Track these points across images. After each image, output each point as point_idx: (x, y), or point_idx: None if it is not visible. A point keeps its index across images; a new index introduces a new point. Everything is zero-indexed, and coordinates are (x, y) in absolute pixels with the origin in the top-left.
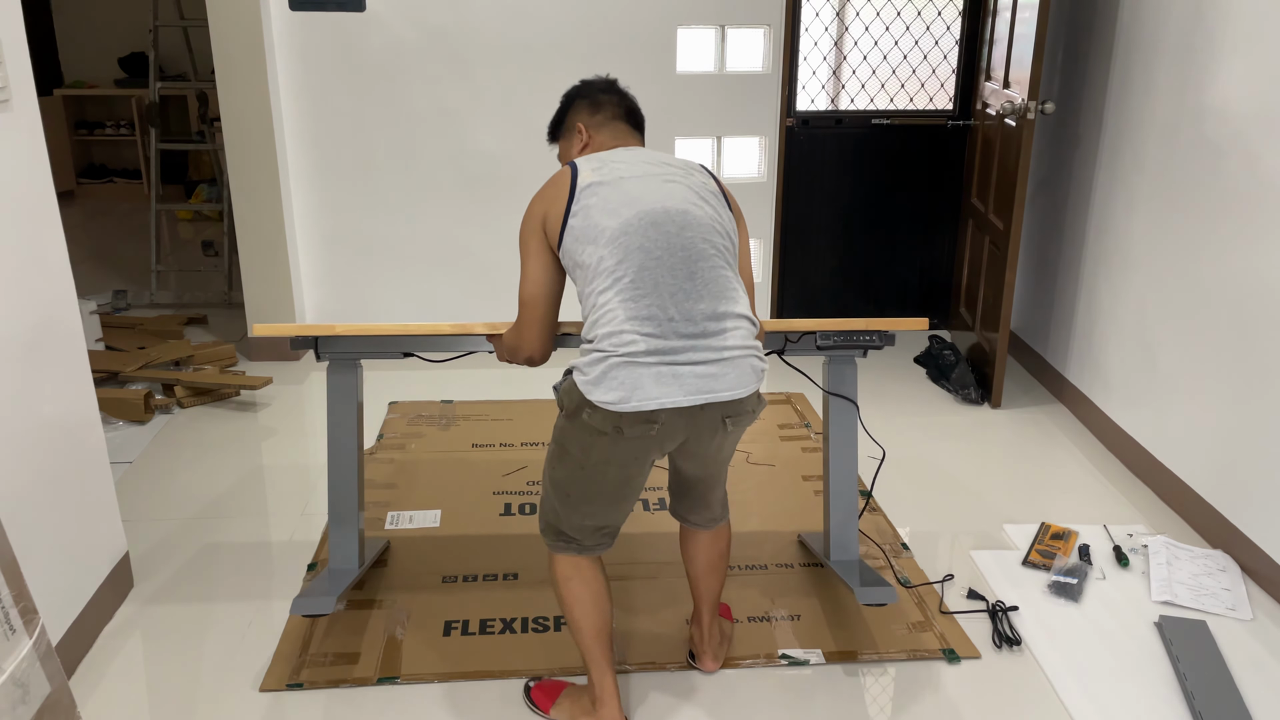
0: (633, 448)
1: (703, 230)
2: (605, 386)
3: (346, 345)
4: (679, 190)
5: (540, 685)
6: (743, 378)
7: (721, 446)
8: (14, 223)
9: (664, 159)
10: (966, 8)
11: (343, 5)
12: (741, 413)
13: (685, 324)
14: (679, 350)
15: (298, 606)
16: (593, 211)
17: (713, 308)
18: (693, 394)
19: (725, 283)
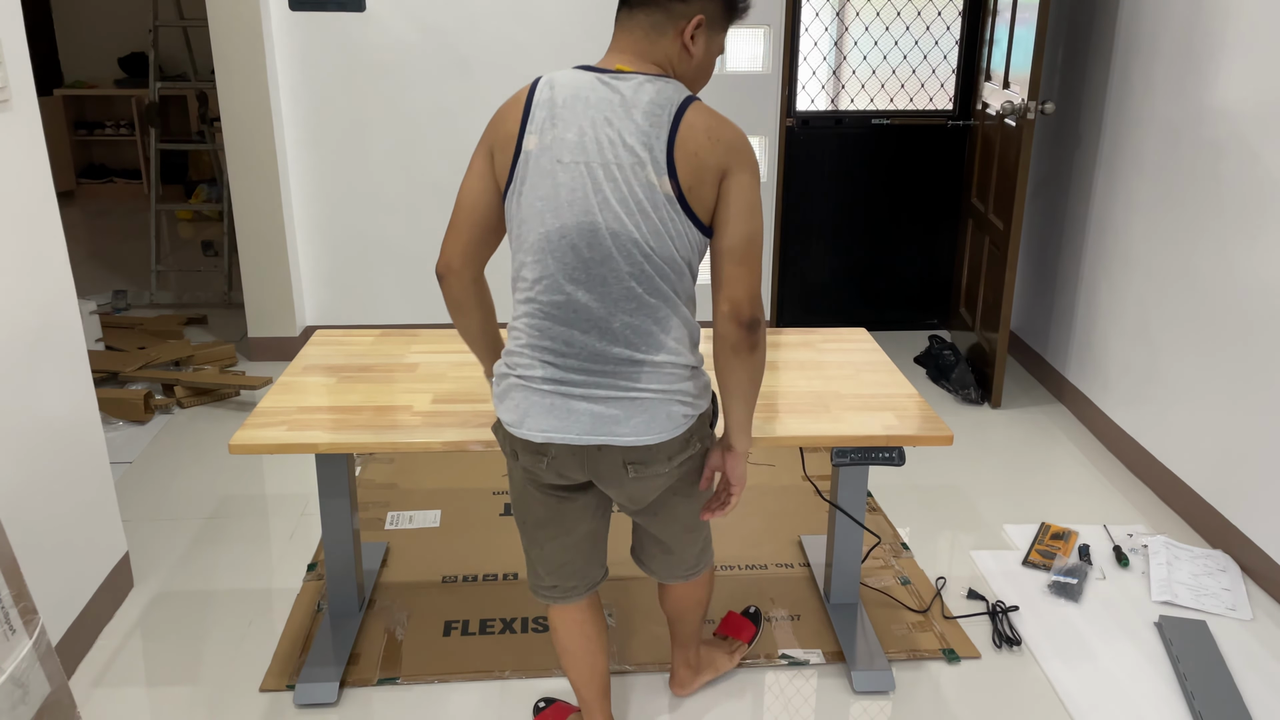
0: (536, 476)
1: (631, 260)
2: (505, 405)
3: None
4: (613, 196)
5: (549, 710)
6: (652, 422)
7: (638, 497)
8: (14, 223)
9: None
10: (966, 8)
11: (343, 5)
12: (649, 461)
13: (591, 361)
14: (577, 384)
15: (301, 695)
16: (524, 201)
17: (629, 355)
18: (585, 433)
19: (646, 330)
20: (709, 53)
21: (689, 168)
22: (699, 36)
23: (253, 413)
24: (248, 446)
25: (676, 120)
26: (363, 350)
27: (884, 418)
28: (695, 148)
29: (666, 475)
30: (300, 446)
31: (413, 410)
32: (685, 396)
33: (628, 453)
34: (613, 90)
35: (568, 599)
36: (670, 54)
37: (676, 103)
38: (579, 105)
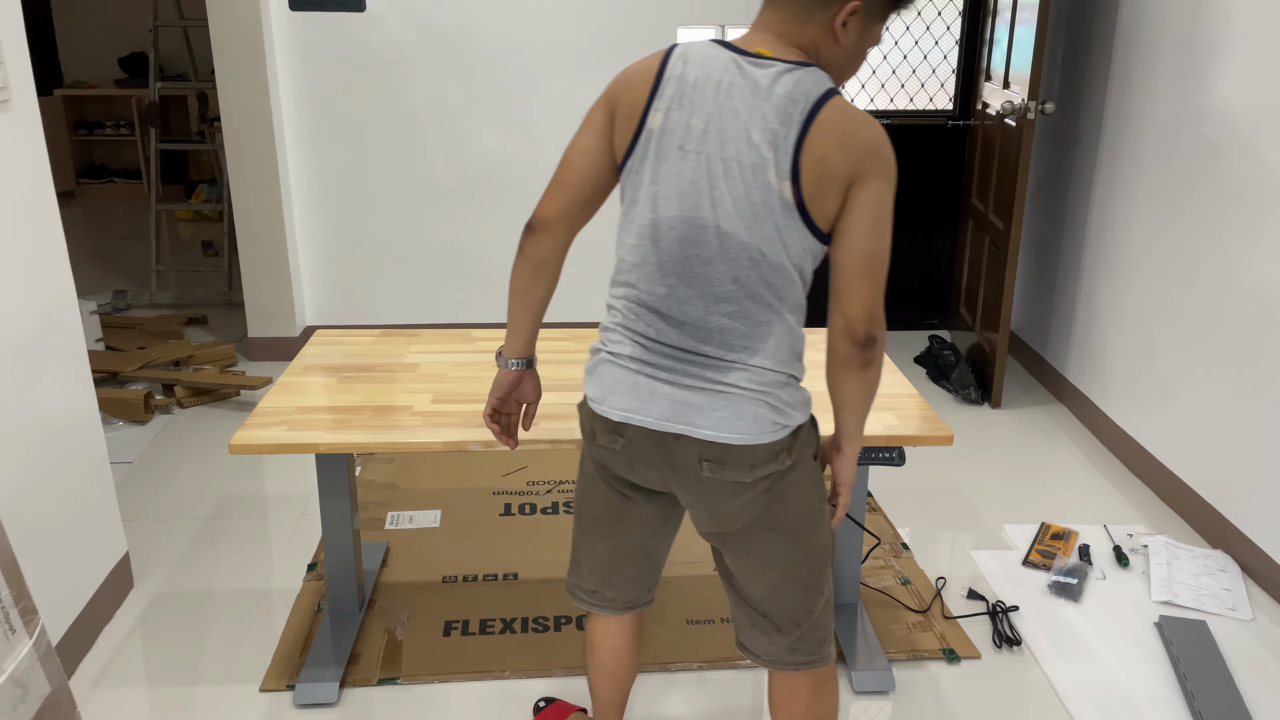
0: (607, 462)
1: (737, 263)
2: (592, 380)
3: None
4: (729, 195)
5: (549, 710)
6: (737, 420)
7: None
8: (14, 223)
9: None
10: (966, 8)
11: (343, 5)
12: (727, 462)
13: (682, 352)
14: (664, 368)
15: (301, 695)
16: (638, 182)
17: (720, 355)
18: (664, 419)
19: (744, 333)
20: (861, 43)
21: (814, 175)
22: (852, 24)
23: (253, 413)
24: (248, 446)
25: (810, 119)
26: (363, 350)
27: (884, 418)
28: (824, 154)
29: (749, 489)
30: (300, 446)
31: (413, 410)
32: (777, 401)
33: (705, 447)
34: (747, 78)
35: (604, 609)
36: (816, 39)
37: (813, 98)
38: (709, 89)
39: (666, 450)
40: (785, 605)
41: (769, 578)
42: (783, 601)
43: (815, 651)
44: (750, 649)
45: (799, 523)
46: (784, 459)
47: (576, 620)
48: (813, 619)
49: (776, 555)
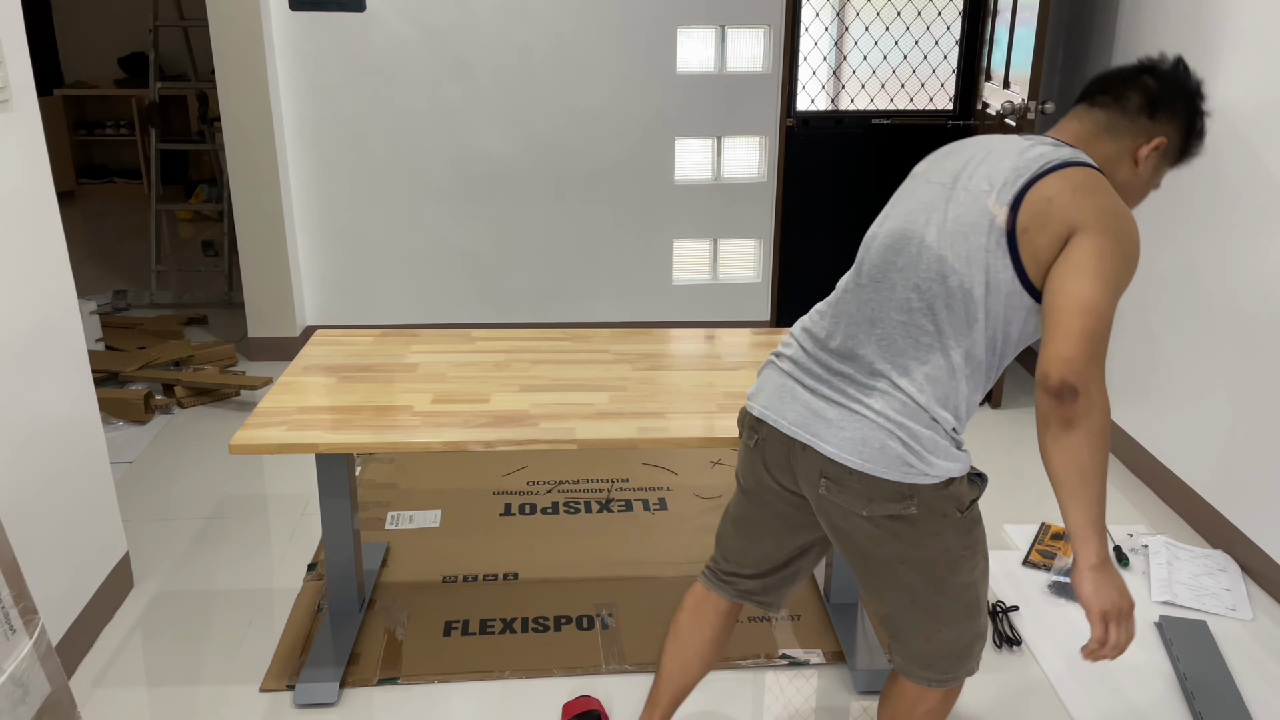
0: (749, 460)
1: (919, 276)
2: (756, 380)
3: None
4: (947, 214)
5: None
6: (861, 445)
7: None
8: (14, 223)
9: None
10: (966, 8)
11: (343, 5)
12: (843, 485)
13: (839, 359)
14: (813, 375)
15: (301, 695)
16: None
17: (873, 363)
18: (794, 424)
19: (901, 348)
20: (1152, 177)
21: (1034, 209)
22: (1152, 158)
23: (253, 413)
24: (248, 446)
25: (1057, 166)
26: (363, 350)
27: None
28: (1052, 193)
29: (868, 523)
30: (300, 446)
31: (413, 410)
32: (913, 440)
33: (826, 464)
34: (1019, 140)
35: (713, 583)
36: (1112, 157)
37: (1074, 159)
38: (979, 142)
39: (792, 457)
40: (913, 627)
41: (898, 603)
42: (910, 625)
43: (948, 670)
44: (889, 647)
45: (935, 566)
46: (909, 505)
47: (576, 620)
48: (949, 639)
49: (906, 584)
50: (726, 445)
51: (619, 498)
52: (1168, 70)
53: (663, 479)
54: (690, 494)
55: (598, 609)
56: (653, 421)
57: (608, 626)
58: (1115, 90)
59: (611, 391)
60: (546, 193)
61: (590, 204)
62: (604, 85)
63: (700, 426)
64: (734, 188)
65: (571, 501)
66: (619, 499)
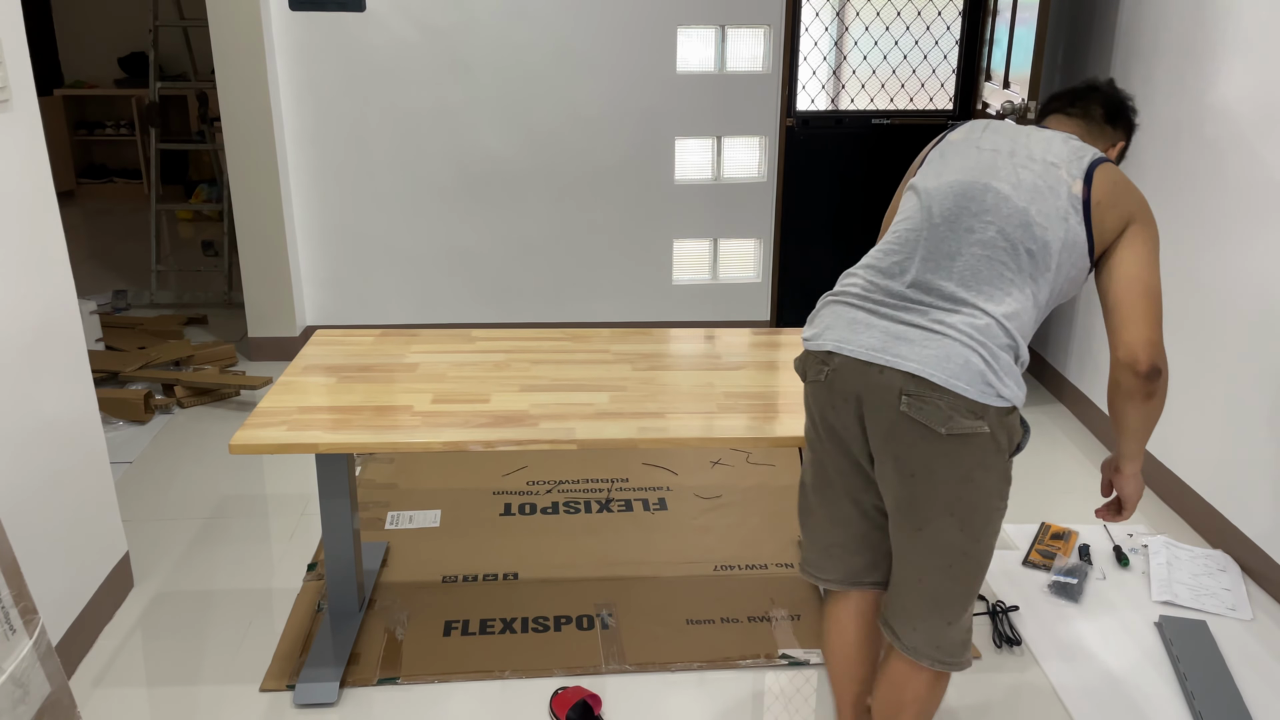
0: (814, 402)
1: (1003, 221)
2: (812, 325)
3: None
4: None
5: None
6: (945, 361)
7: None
8: (14, 223)
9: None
10: (966, 8)
11: (343, 5)
12: (928, 401)
13: (916, 291)
14: (887, 305)
15: (301, 695)
16: (923, 174)
17: (954, 291)
18: (872, 350)
19: (983, 279)
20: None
21: (1104, 189)
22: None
23: (253, 413)
24: (248, 446)
25: (1103, 158)
26: (363, 350)
27: None
28: (1112, 183)
29: (939, 444)
30: (300, 446)
31: (413, 410)
32: (993, 359)
33: (907, 380)
34: (1041, 130)
35: (826, 581)
36: None
37: (1099, 153)
38: (1007, 127)
39: (868, 382)
40: (941, 597)
41: (934, 564)
42: (939, 592)
43: (956, 655)
44: (895, 631)
45: (976, 514)
46: (981, 426)
47: (576, 620)
48: (960, 622)
49: (947, 542)
50: (726, 445)
51: (619, 498)
52: (1111, 88)
53: (663, 479)
54: (690, 494)
55: (598, 609)
56: (653, 421)
57: (608, 626)
58: (1081, 103)
59: (611, 391)
60: (546, 193)
61: (590, 204)
62: (604, 85)
63: (700, 426)
64: (734, 188)
65: (571, 501)
66: (619, 499)
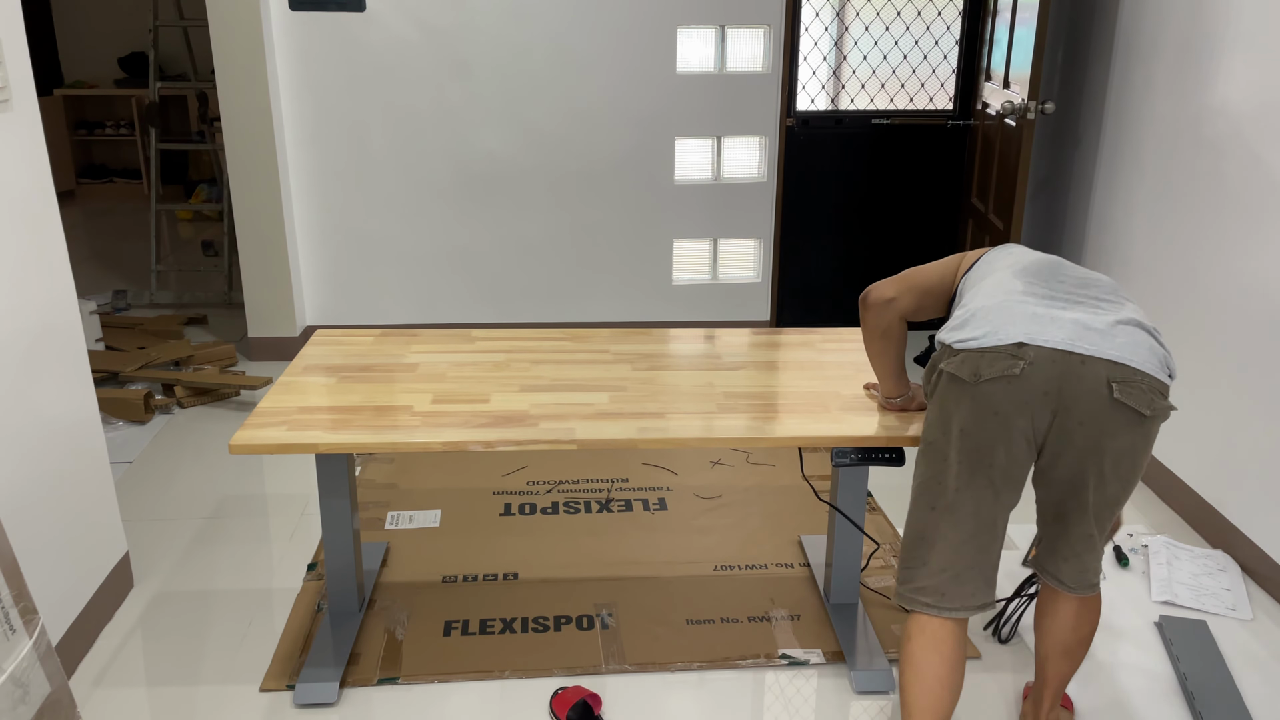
0: (993, 402)
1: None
2: (968, 328)
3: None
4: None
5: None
6: (1138, 347)
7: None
8: (14, 223)
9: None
10: (966, 8)
11: (343, 5)
12: (1136, 386)
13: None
14: (1062, 297)
15: (301, 695)
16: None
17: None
18: (1073, 340)
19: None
20: None
21: None
22: None
23: (253, 413)
24: (248, 446)
25: None
26: (363, 350)
27: (884, 418)
28: None
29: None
30: (300, 446)
31: (413, 410)
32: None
33: (1113, 368)
34: None
35: (948, 612)
36: None
37: None
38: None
39: (1068, 374)
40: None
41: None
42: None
43: (1098, 574)
44: (1061, 575)
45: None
46: (1167, 405)
47: (576, 620)
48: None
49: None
50: (726, 445)
51: (619, 498)
52: None
53: (663, 479)
54: (690, 494)
55: (598, 609)
56: (653, 421)
57: (608, 626)
58: None
59: (611, 391)
60: (546, 192)
61: (590, 204)
62: (604, 85)
63: (700, 426)
64: (734, 188)
65: (571, 501)
66: (619, 499)
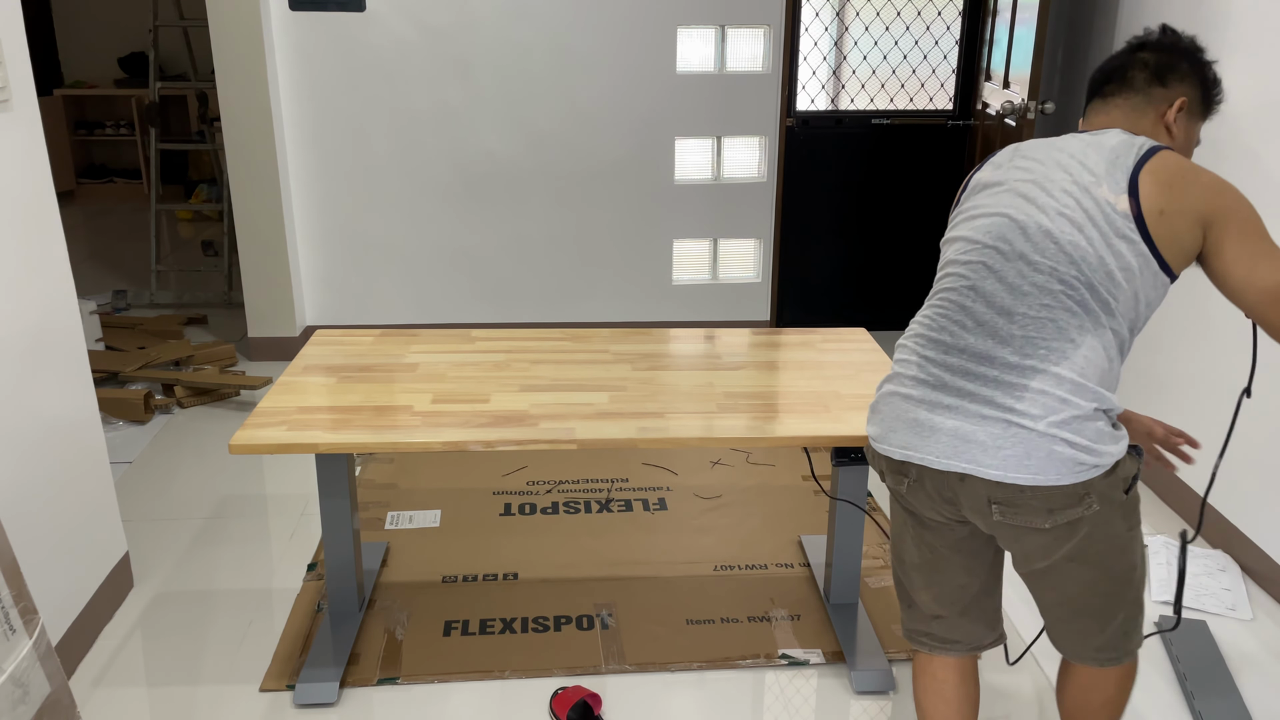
0: (904, 502)
1: (1054, 260)
2: (875, 417)
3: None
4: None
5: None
6: (1026, 459)
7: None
8: (14, 223)
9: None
10: (966, 8)
11: (343, 5)
12: (1018, 506)
13: (975, 362)
14: (950, 391)
15: (301, 695)
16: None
17: (1019, 360)
18: (945, 457)
19: (1046, 335)
20: (1189, 137)
21: (1157, 196)
22: (1181, 119)
23: (253, 413)
24: (248, 446)
25: (1147, 155)
26: (363, 350)
27: None
28: (1168, 179)
29: (1047, 535)
30: (300, 446)
31: (413, 410)
32: (1078, 436)
33: (993, 488)
34: (1080, 137)
35: (944, 651)
36: (1147, 133)
37: (1147, 145)
38: (1041, 146)
39: (952, 490)
40: (1090, 619)
41: (1074, 604)
42: (1087, 617)
43: (1119, 648)
44: (1059, 646)
45: (1106, 557)
46: (1089, 503)
47: (576, 620)
48: (1116, 624)
49: (1081, 581)
50: (726, 445)
51: (619, 498)
52: (1158, 39)
53: (663, 479)
54: (690, 494)
55: (598, 609)
56: (653, 421)
57: (608, 626)
58: (1118, 76)
59: (611, 391)
60: (546, 193)
61: (590, 204)
62: (604, 85)
63: (700, 426)
64: (734, 188)
65: (571, 501)
66: (619, 499)
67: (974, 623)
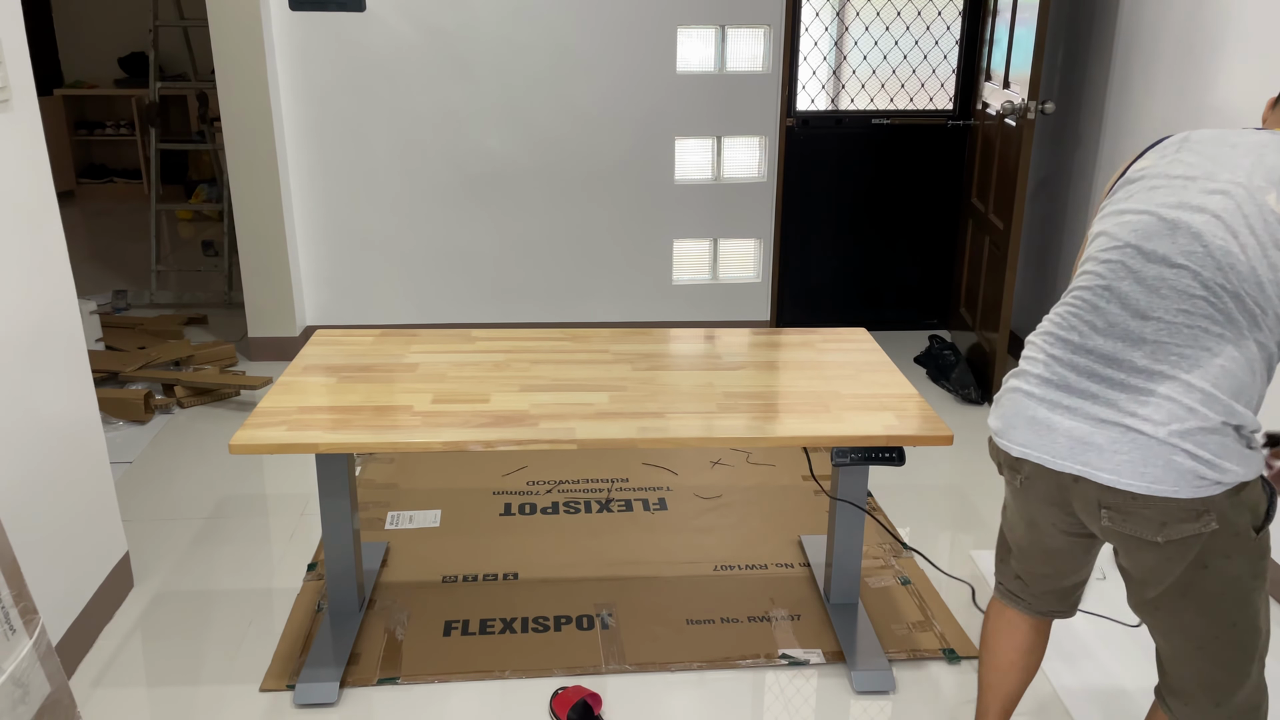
0: (1017, 499)
1: (1199, 264)
2: (997, 410)
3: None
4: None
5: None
6: (1143, 466)
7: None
8: (14, 223)
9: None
10: (966, 8)
11: (343, 5)
12: (1128, 512)
13: (1102, 364)
14: (1074, 392)
15: (301, 695)
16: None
17: (1149, 364)
18: (1061, 457)
19: (1180, 341)
20: None
21: None
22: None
23: (253, 413)
24: (248, 446)
25: None
26: (363, 350)
27: (884, 418)
28: None
29: (1159, 552)
30: (300, 446)
31: (413, 410)
32: (1201, 449)
33: (1104, 493)
34: (1256, 133)
35: (1017, 605)
36: None
37: None
38: (1211, 138)
39: (1064, 492)
40: (1197, 678)
41: (1177, 645)
42: (1194, 673)
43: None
44: (1167, 704)
45: (1222, 600)
46: (1208, 521)
47: (576, 620)
48: (1232, 703)
49: (1188, 624)
50: (726, 445)
51: (619, 498)
52: None
53: (663, 479)
54: (690, 494)
55: (598, 609)
56: (653, 421)
57: (608, 626)
58: None
59: (611, 391)
60: (546, 193)
61: (590, 204)
62: (604, 85)
63: (700, 426)
64: (734, 188)
65: (571, 501)
66: (619, 499)
67: (1055, 600)
